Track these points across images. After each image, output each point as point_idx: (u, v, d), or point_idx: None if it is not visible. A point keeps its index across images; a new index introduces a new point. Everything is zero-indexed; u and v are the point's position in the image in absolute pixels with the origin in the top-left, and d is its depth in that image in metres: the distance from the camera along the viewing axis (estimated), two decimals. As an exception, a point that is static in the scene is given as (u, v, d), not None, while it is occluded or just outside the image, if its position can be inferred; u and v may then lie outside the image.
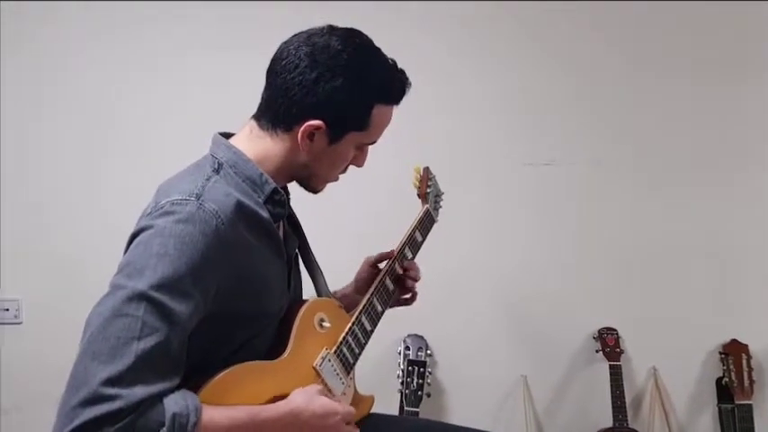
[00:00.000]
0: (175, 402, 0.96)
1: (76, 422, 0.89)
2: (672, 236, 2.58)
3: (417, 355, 2.39)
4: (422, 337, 2.43)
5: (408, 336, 2.44)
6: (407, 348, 2.41)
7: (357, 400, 1.38)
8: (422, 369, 2.36)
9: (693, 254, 2.57)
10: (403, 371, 2.36)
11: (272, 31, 1.33)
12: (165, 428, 0.93)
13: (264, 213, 1.18)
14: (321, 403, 1.15)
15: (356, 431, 1.23)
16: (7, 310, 2.36)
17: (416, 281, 1.60)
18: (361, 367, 2.40)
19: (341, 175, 1.33)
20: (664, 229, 2.58)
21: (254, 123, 1.24)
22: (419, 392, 2.32)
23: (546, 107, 2.60)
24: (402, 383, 2.35)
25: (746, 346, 2.48)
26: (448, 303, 2.51)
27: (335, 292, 1.54)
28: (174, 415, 0.94)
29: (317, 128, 1.18)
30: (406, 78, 1.26)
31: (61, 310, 2.16)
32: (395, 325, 2.32)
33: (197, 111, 2.37)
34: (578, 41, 2.59)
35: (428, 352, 2.41)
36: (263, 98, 1.24)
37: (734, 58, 2.59)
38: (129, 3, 2.43)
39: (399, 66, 1.26)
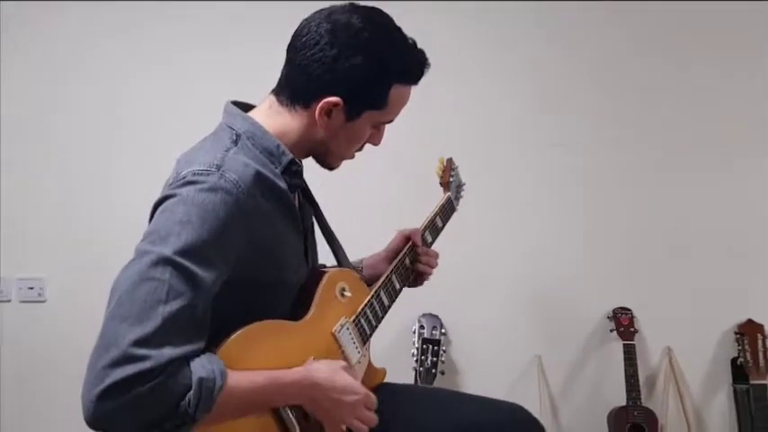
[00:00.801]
0: (202, 366, 0.98)
1: (108, 381, 0.91)
2: (687, 216, 2.58)
3: (432, 334, 2.41)
4: (437, 317, 2.46)
5: (423, 315, 2.46)
6: (422, 327, 2.44)
7: (370, 371, 1.41)
8: (436, 347, 2.38)
9: (709, 234, 2.57)
10: (417, 349, 2.39)
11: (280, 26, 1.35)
12: (191, 392, 0.95)
13: (282, 184, 1.21)
14: (344, 378, 1.17)
15: (374, 417, 1.23)
16: (32, 288, 2.42)
17: (432, 267, 1.61)
18: (376, 344, 2.44)
19: (358, 154, 1.35)
20: (679, 209, 2.58)
21: (273, 99, 1.26)
22: (433, 370, 2.35)
23: (562, 91, 2.60)
24: (416, 361, 2.37)
25: (762, 326, 2.48)
26: (463, 284, 2.54)
27: (362, 260, 1.58)
28: (200, 379, 0.96)
29: (335, 105, 1.20)
30: (426, 59, 1.27)
31: (84, 288, 2.21)
32: (410, 304, 2.37)
33: (207, 96, 2.39)
34: (591, 23, 2.60)
35: (443, 331, 2.43)
36: (282, 74, 1.26)
37: (748, 41, 2.59)
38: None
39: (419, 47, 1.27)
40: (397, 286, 1.49)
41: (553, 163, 2.58)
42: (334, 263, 1.44)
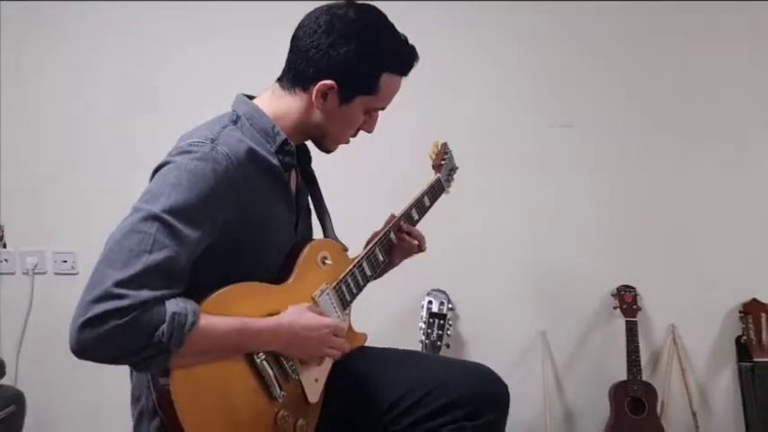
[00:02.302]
0: (176, 304, 1.11)
1: (89, 314, 1.05)
2: (692, 195, 2.62)
3: (439, 308, 2.50)
4: (444, 292, 2.54)
5: (432, 291, 2.56)
6: (430, 302, 2.53)
7: (351, 335, 1.51)
8: (442, 321, 2.47)
9: (713, 213, 2.60)
10: (425, 322, 2.49)
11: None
12: (164, 325, 1.08)
13: (275, 161, 1.33)
14: (310, 316, 1.30)
15: (346, 344, 1.36)
16: (65, 261, 2.61)
17: (418, 248, 1.67)
18: (385, 318, 2.56)
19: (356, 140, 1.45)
20: (683, 188, 2.62)
21: (276, 85, 1.39)
22: (438, 343, 2.44)
23: (569, 72, 2.65)
24: (423, 334, 2.47)
25: (766, 305, 2.51)
26: (471, 261, 2.63)
27: None
28: (173, 314, 1.09)
29: (330, 87, 1.32)
30: (415, 53, 1.39)
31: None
32: (419, 281, 2.49)
33: (226, 75, 2.50)
34: (599, 2, 2.62)
35: (449, 306, 2.52)
36: (286, 61, 1.38)
37: (755, 20, 2.60)
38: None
39: (415, 42, 1.38)
40: (380, 258, 1.58)
41: (560, 143, 2.63)
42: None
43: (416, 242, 1.66)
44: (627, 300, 2.55)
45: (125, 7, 2.59)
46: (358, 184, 2.54)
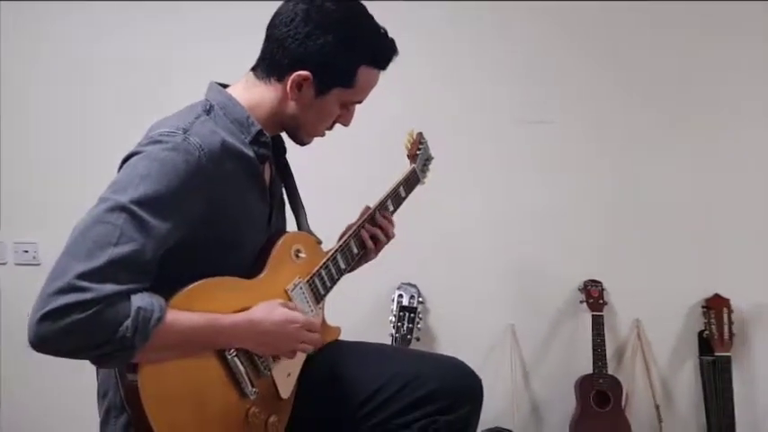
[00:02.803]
0: (142, 299, 1.08)
1: (48, 307, 1.01)
2: (658, 191, 2.65)
3: (410, 302, 2.51)
4: (415, 286, 2.55)
5: (402, 284, 2.56)
6: (401, 296, 2.53)
7: (324, 329, 1.50)
8: (412, 315, 2.47)
9: (679, 209, 2.64)
10: (395, 316, 2.49)
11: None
12: (129, 320, 1.05)
13: (249, 152, 1.29)
14: (281, 312, 1.27)
15: (319, 338, 1.34)
16: (26, 251, 2.55)
17: (388, 237, 1.63)
18: (356, 312, 2.55)
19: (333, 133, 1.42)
20: (650, 184, 2.65)
21: (250, 74, 1.35)
22: (408, 336, 2.45)
23: (540, 66, 2.67)
24: (393, 327, 2.47)
25: (728, 300, 2.56)
26: (441, 255, 2.64)
27: None
28: (138, 308, 1.06)
29: (305, 78, 1.29)
30: (394, 47, 1.36)
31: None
32: (390, 275, 2.49)
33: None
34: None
35: (420, 299, 2.52)
36: (261, 50, 1.35)
37: (726, 15, 2.63)
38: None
39: (394, 36, 1.35)
40: (355, 251, 1.56)
41: (529, 138, 2.65)
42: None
43: (385, 238, 1.62)
44: (593, 294, 2.58)
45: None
46: (332, 175, 2.53)
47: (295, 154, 1.52)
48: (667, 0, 2.61)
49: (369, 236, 1.58)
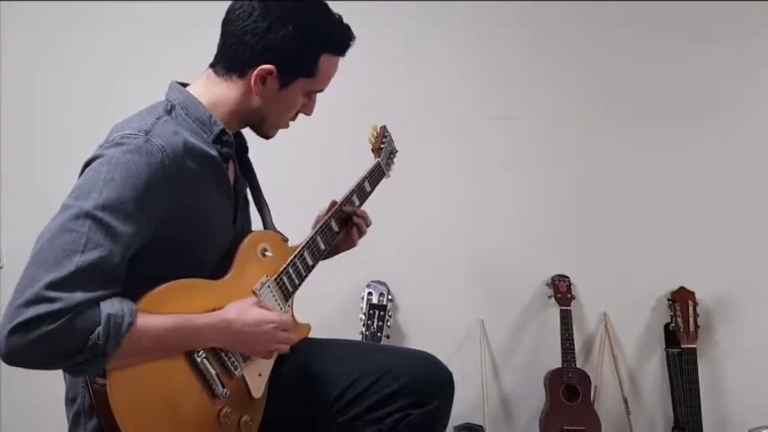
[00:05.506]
0: (112, 305, 1.06)
1: (19, 319, 1.00)
2: (623, 187, 2.69)
3: (379, 300, 2.51)
4: (384, 284, 2.55)
5: (372, 282, 2.56)
6: (370, 294, 2.53)
7: (295, 327, 1.46)
8: (382, 312, 2.48)
9: (644, 204, 2.69)
10: (365, 314, 2.49)
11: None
12: (100, 327, 1.04)
13: (212, 152, 1.28)
14: (254, 312, 1.26)
15: (293, 337, 1.34)
16: (-11, 254, 2.49)
17: (366, 224, 1.66)
18: (324, 309, 2.54)
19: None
20: (615, 179, 2.69)
21: (210, 71, 1.33)
22: (378, 334, 2.45)
23: (506, 63, 2.69)
24: (363, 326, 2.47)
25: (693, 293, 2.61)
26: (410, 252, 2.64)
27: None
28: (108, 315, 1.05)
29: (269, 72, 1.28)
30: (351, 33, 1.36)
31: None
32: (359, 271, 2.48)
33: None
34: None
35: (389, 297, 2.53)
36: (218, 47, 1.33)
37: (704, 18, 2.69)
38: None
39: (358, 30, 1.35)
40: (322, 246, 1.55)
41: (495, 136, 2.67)
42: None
43: (363, 224, 1.63)
44: (561, 289, 2.61)
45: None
46: (296, 172, 2.52)
47: (257, 152, 1.51)
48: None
49: (336, 231, 1.59)
